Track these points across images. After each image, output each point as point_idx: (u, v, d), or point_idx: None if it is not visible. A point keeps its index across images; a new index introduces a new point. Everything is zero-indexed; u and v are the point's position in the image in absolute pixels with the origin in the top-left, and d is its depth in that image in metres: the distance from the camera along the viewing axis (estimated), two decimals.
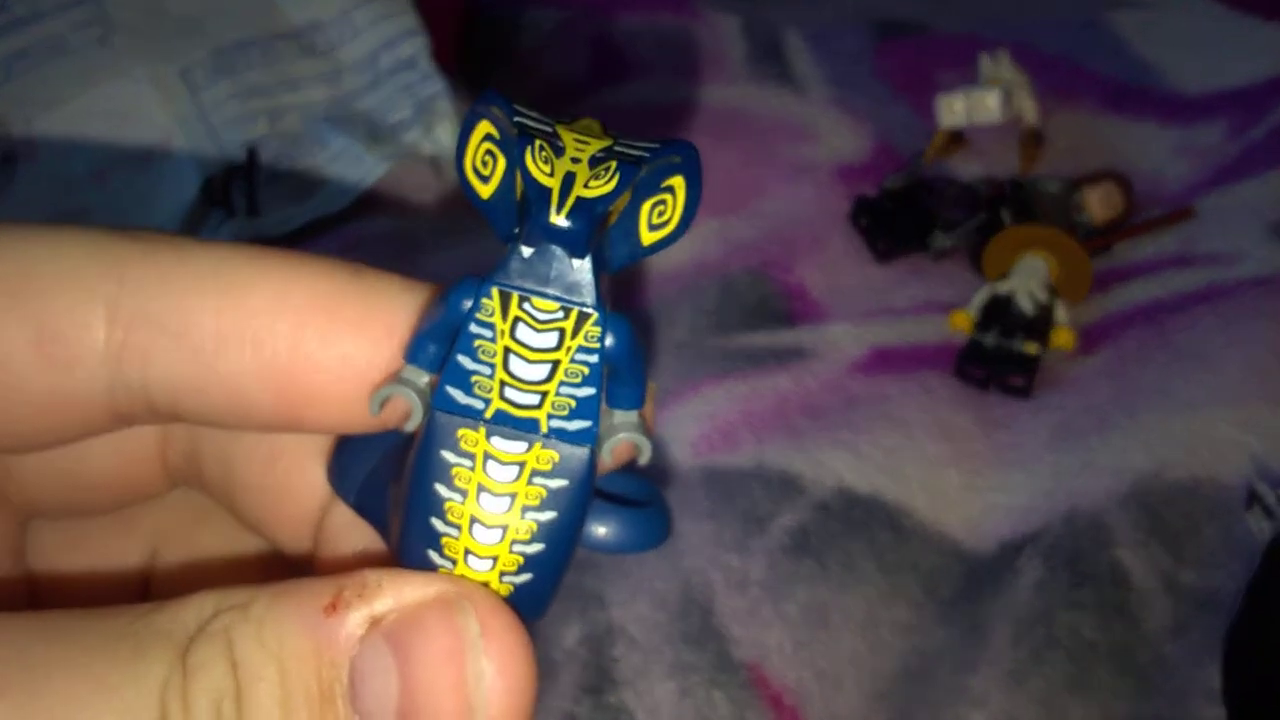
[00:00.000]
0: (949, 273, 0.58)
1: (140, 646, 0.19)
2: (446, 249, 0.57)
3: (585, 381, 0.22)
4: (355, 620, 0.20)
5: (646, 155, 0.21)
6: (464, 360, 0.22)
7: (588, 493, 0.22)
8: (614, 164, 0.21)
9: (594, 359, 0.22)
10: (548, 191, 0.21)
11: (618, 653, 0.42)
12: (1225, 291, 0.52)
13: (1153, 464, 0.45)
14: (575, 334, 0.22)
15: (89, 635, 0.19)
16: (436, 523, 0.22)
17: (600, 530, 0.24)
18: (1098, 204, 0.58)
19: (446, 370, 0.22)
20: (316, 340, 0.23)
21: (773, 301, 0.57)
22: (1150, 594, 0.42)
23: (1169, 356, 0.50)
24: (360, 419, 0.23)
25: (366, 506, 0.24)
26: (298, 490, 0.26)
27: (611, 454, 0.22)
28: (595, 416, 0.22)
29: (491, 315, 0.22)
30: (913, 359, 0.53)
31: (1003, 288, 0.54)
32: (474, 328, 0.22)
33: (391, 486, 0.23)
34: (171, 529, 0.28)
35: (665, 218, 0.22)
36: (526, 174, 0.21)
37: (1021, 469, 0.48)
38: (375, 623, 0.20)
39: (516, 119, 0.21)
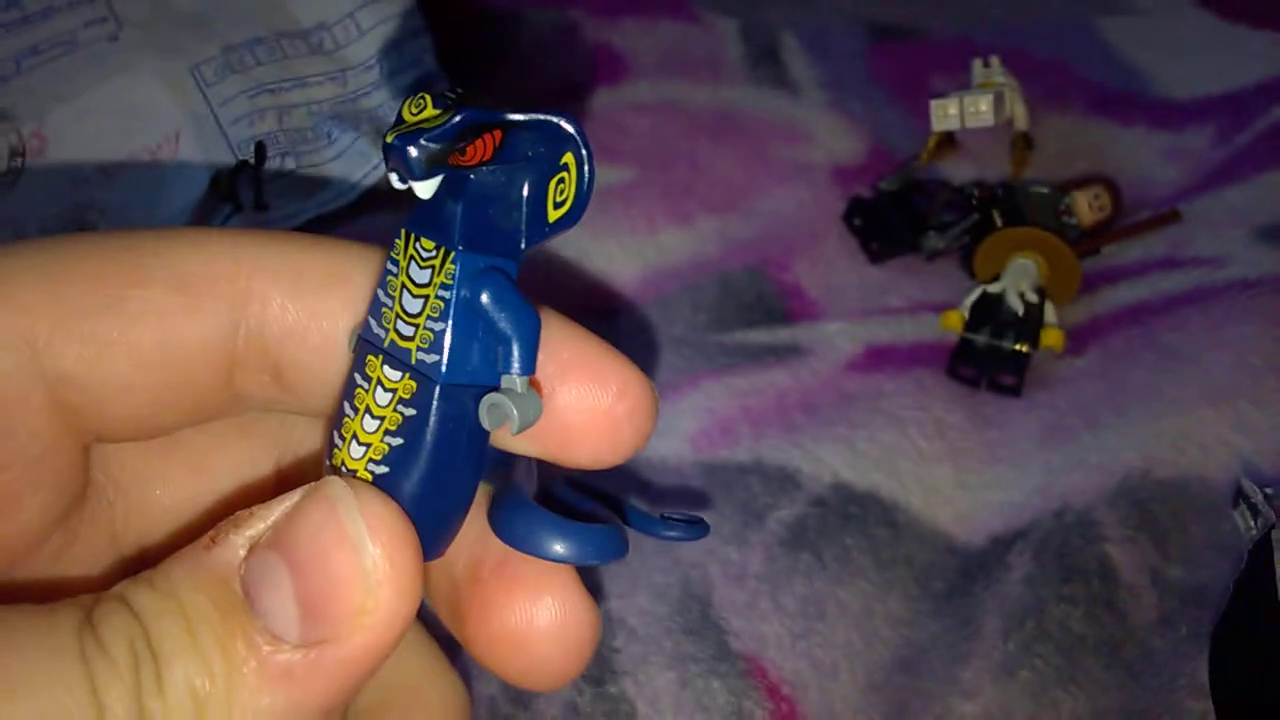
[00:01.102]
0: (941, 273, 0.59)
1: (50, 610, 0.20)
2: None
3: (441, 317, 0.23)
4: (234, 544, 0.21)
5: (523, 119, 0.23)
6: (379, 292, 0.24)
7: (443, 429, 0.23)
8: (457, 107, 0.22)
9: (448, 295, 0.23)
10: (398, 122, 0.22)
11: (618, 644, 0.42)
12: (1212, 293, 0.53)
13: (1141, 462, 0.45)
14: (440, 271, 0.23)
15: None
16: (335, 434, 0.24)
17: (548, 542, 0.25)
18: (1086, 207, 0.59)
19: (371, 302, 0.24)
20: None
21: (770, 299, 0.58)
22: (1138, 589, 0.42)
23: (1157, 357, 0.50)
24: None
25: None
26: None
27: (486, 416, 0.23)
28: (445, 352, 0.23)
29: (398, 254, 0.23)
30: (906, 357, 0.54)
31: (993, 288, 0.55)
32: (388, 264, 0.24)
33: None
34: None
35: (564, 195, 0.23)
36: (398, 115, 0.22)
37: (1012, 466, 0.48)
38: (255, 544, 0.22)
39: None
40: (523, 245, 0.23)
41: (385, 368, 0.23)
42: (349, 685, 0.22)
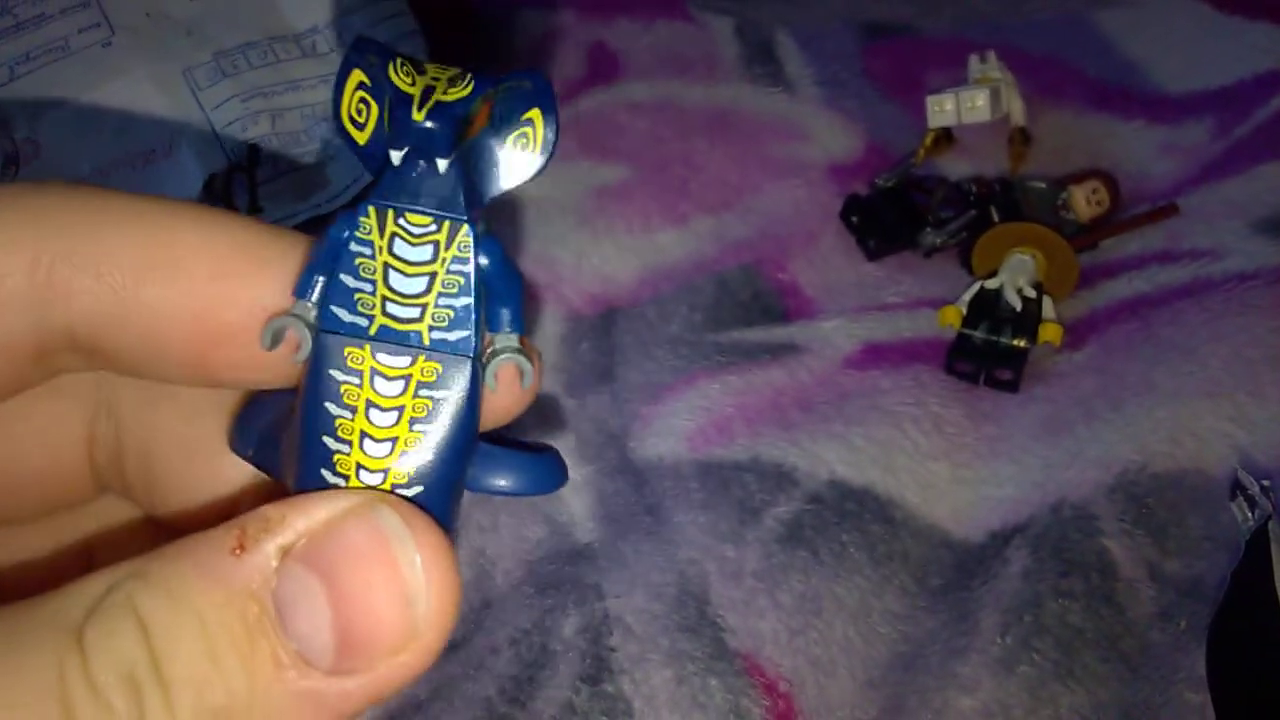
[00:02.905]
0: (939, 269, 0.59)
1: (20, 638, 0.18)
2: None
3: (461, 291, 0.22)
4: (267, 553, 0.20)
5: (502, 79, 0.22)
6: (346, 279, 0.22)
7: (473, 403, 0.22)
8: (469, 75, 0.22)
9: (468, 268, 0.22)
10: (409, 97, 0.21)
11: (615, 642, 0.42)
12: (1209, 286, 0.53)
13: (1139, 455, 0.45)
14: (449, 245, 0.22)
15: None
16: (329, 440, 0.22)
17: (495, 477, 0.24)
18: (1084, 202, 0.59)
19: (330, 291, 0.22)
20: (236, 280, 0.23)
21: (766, 298, 0.58)
22: (1136, 583, 0.42)
23: (1154, 350, 0.50)
24: (268, 366, 0.23)
25: (265, 459, 0.24)
26: (215, 483, 0.25)
27: (496, 376, 0.23)
28: (474, 326, 0.22)
29: (370, 233, 0.22)
30: (903, 354, 0.54)
31: (991, 284, 0.55)
32: (354, 246, 0.22)
33: (286, 425, 0.23)
34: (104, 539, 0.27)
35: (528, 148, 0.23)
36: (390, 84, 0.22)
37: (1010, 461, 0.48)
38: (286, 552, 0.20)
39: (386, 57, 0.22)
40: (484, 203, 0.23)
41: (380, 355, 0.22)
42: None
